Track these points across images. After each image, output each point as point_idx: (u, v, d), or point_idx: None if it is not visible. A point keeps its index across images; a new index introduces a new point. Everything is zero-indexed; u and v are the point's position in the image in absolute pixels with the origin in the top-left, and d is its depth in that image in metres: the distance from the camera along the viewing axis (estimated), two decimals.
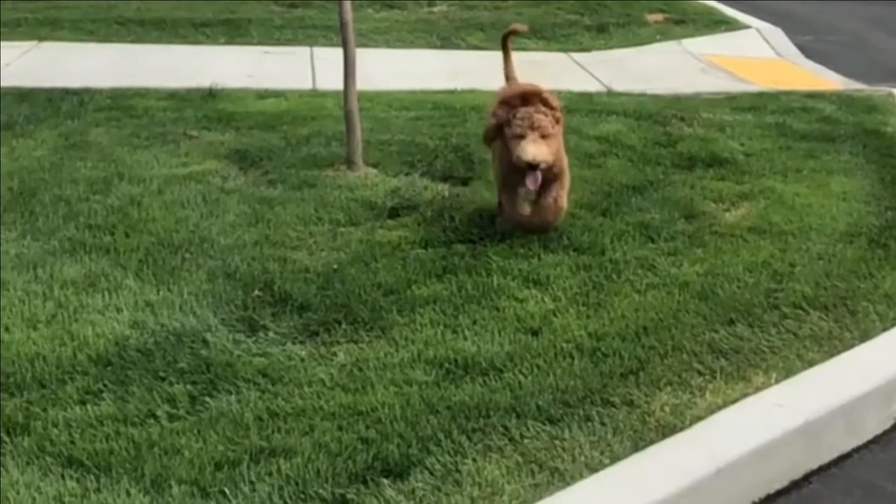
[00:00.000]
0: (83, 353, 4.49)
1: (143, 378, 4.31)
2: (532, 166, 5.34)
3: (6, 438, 3.92)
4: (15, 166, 6.81)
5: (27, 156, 7.04)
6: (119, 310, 4.88)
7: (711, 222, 6.00)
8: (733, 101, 8.97)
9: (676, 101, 8.96)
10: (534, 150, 5.32)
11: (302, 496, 3.61)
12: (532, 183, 5.41)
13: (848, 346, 4.68)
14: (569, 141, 7.47)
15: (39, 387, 4.25)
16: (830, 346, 4.67)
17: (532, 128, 5.34)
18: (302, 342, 4.63)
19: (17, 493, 3.62)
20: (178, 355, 4.48)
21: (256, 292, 5.04)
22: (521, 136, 5.35)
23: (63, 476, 3.72)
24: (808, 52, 11.86)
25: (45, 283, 5.13)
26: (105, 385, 4.27)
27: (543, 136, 5.35)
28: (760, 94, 9.34)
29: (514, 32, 6.55)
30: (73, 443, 3.89)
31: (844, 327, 4.83)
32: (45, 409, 4.09)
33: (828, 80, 10.35)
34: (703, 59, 11.21)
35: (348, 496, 3.61)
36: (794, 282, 5.22)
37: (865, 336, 4.77)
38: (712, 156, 7.24)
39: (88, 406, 4.12)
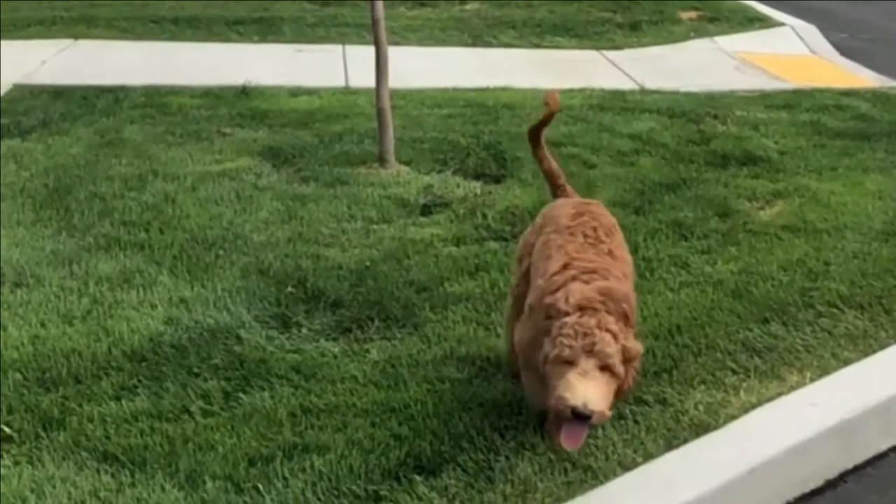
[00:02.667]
0: (118, 348, 4.53)
1: (177, 374, 4.34)
2: (580, 415, 3.31)
3: (42, 433, 3.95)
4: (51, 163, 6.86)
5: (63, 153, 7.09)
6: (153, 306, 4.91)
7: (745, 220, 5.97)
8: (767, 99, 8.93)
9: (710, 98, 8.92)
10: (586, 391, 3.29)
11: (335, 492, 3.62)
12: (571, 441, 3.40)
13: (883, 345, 4.65)
14: (601, 139, 7.49)
15: (75, 382, 4.28)
16: (866, 344, 4.64)
17: (589, 352, 3.32)
18: (335, 339, 4.64)
19: (54, 487, 3.65)
20: (211, 351, 4.50)
21: (290, 289, 5.06)
22: (569, 363, 3.33)
23: (98, 471, 3.75)
24: (843, 49, 11.77)
25: (80, 280, 5.16)
26: (140, 381, 4.30)
27: (604, 368, 3.33)
28: (795, 92, 9.29)
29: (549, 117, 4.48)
30: (108, 438, 3.92)
31: (880, 326, 4.80)
32: (80, 405, 4.12)
33: (863, 78, 10.28)
34: (737, 57, 11.15)
35: (381, 493, 3.62)
36: (829, 280, 5.19)
37: None
38: (746, 154, 7.21)
39: (123, 401, 4.16)
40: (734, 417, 4.07)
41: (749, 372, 4.38)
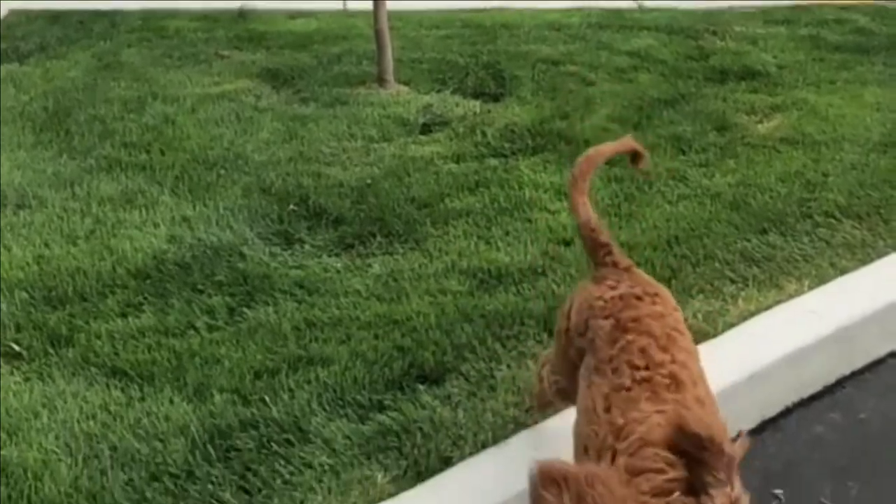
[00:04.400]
0: (122, 267, 4.57)
1: (181, 291, 4.39)
2: None
3: (51, 350, 4.02)
4: (49, 87, 6.86)
5: (61, 76, 7.08)
6: (156, 225, 4.95)
7: (744, 134, 5.98)
8: (766, 14, 8.86)
9: (708, 14, 8.85)
10: None
11: (340, 402, 3.69)
12: None
13: (881, 254, 4.68)
14: (600, 56, 7.47)
15: (81, 300, 4.34)
16: (864, 253, 4.68)
17: None
18: (337, 254, 4.68)
19: (65, 401, 3.72)
20: (215, 268, 4.55)
21: (291, 206, 5.09)
22: None
23: (108, 385, 3.82)
24: None
25: (82, 201, 5.20)
26: (145, 298, 4.35)
27: None
28: (794, 7, 9.21)
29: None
30: (116, 354, 3.98)
31: (878, 235, 4.83)
32: (87, 322, 4.18)
33: None
34: None
35: (385, 402, 3.68)
36: (827, 191, 5.21)
37: None
38: (745, 68, 7.18)
39: (129, 318, 4.21)
40: (733, 325, 4.12)
41: (747, 281, 4.42)
